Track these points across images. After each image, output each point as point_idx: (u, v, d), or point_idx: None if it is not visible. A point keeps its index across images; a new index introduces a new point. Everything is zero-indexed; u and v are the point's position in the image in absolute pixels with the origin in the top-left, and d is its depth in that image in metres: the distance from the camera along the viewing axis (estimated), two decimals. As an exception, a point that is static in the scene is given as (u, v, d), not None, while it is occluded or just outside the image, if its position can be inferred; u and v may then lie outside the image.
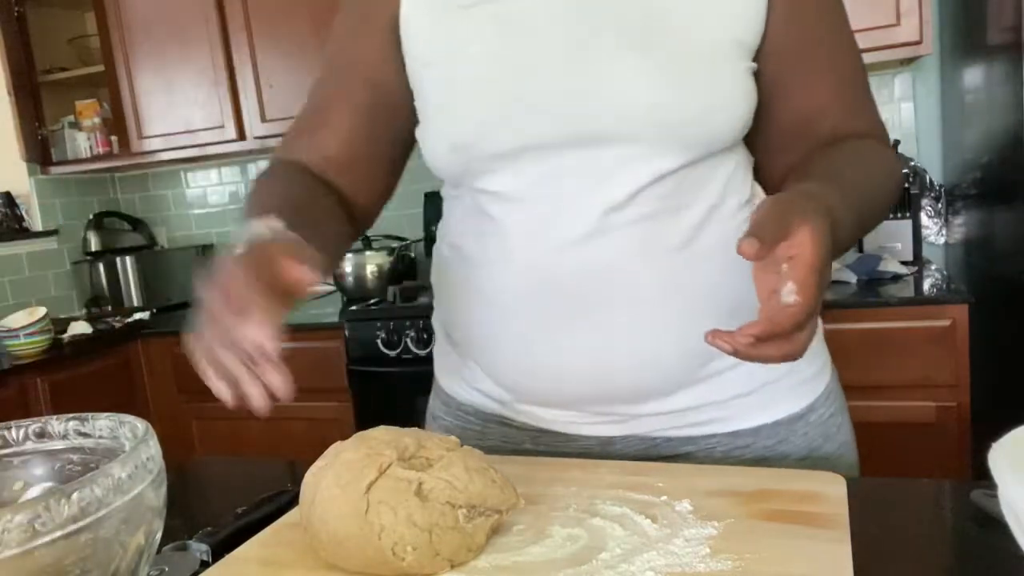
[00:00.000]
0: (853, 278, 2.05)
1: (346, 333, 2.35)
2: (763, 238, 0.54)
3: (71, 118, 3.03)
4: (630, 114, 0.71)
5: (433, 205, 2.57)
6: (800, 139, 0.78)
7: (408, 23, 0.80)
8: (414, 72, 0.81)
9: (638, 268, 0.74)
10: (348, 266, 2.56)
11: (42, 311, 2.42)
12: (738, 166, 0.79)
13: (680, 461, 0.80)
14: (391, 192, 0.92)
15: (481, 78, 0.75)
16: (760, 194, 0.82)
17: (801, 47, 0.77)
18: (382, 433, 0.62)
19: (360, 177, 0.87)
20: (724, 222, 0.76)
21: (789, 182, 0.71)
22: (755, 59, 0.77)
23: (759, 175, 0.83)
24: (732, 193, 0.78)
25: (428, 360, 0.98)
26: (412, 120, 0.83)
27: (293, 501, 0.75)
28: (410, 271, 2.66)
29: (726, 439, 0.81)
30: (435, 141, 0.79)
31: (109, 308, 2.95)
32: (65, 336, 2.55)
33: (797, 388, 0.82)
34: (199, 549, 0.66)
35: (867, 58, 0.96)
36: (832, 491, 0.63)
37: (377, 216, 0.92)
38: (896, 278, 2.05)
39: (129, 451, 0.50)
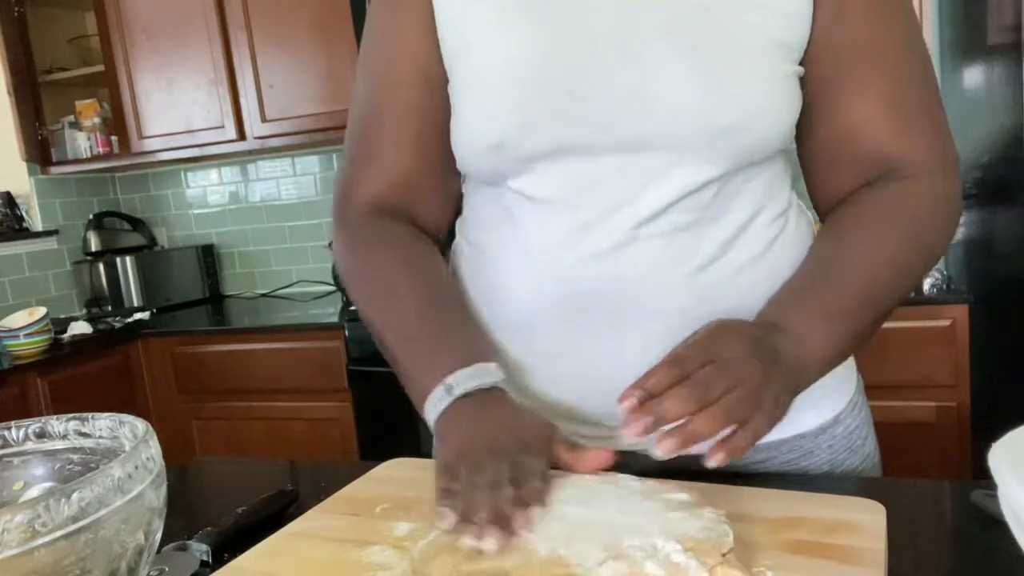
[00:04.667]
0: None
1: (346, 333, 2.35)
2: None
3: (71, 118, 3.03)
4: (678, 120, 0.68)
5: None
6: (844, 157, 0.73)
7: (440, 4, 0.75)
8: (449, 58, 0.76)
9: (667, 281, 0.71)
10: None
11: (42, 311, 2.42)
12: (775, 177, 0.75)
13: (700, 474, 0.77)
14: (458, 199, 0.86)
15: (521, 71, 0.70)
16: (796, 203, 0.79)
17: (845, 51, 0.71)
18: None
19: (433, 185, 0.82)
20: (757, 235, 0.73)
21: (772, 298, 0.70)
22: (802, 63, 0.72)
23: (811, 195, 0.79)
24: (767, 206, 0.74)
25: (428, 360, 0.97)
26: None
27: (293, 501, 0.75)
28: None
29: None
30: (471, 139, 0.74)
31: (109, 308, 2.94)
32: (65, 336, 2.55)
33: (823, 399, 0.78)
34: (199, 549, 0.66)
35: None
36: (869, 521, 0.57)
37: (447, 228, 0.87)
38: (896, 278, 2.05)
39: (129, 451, 0.50)
